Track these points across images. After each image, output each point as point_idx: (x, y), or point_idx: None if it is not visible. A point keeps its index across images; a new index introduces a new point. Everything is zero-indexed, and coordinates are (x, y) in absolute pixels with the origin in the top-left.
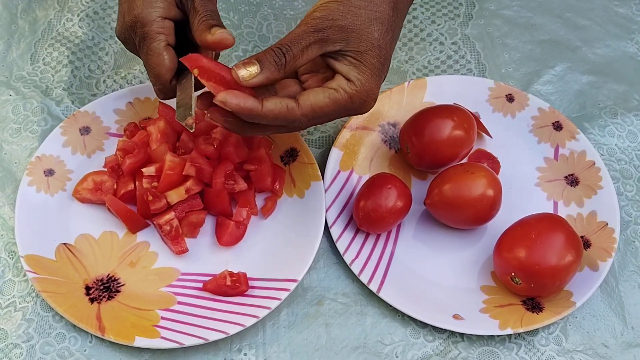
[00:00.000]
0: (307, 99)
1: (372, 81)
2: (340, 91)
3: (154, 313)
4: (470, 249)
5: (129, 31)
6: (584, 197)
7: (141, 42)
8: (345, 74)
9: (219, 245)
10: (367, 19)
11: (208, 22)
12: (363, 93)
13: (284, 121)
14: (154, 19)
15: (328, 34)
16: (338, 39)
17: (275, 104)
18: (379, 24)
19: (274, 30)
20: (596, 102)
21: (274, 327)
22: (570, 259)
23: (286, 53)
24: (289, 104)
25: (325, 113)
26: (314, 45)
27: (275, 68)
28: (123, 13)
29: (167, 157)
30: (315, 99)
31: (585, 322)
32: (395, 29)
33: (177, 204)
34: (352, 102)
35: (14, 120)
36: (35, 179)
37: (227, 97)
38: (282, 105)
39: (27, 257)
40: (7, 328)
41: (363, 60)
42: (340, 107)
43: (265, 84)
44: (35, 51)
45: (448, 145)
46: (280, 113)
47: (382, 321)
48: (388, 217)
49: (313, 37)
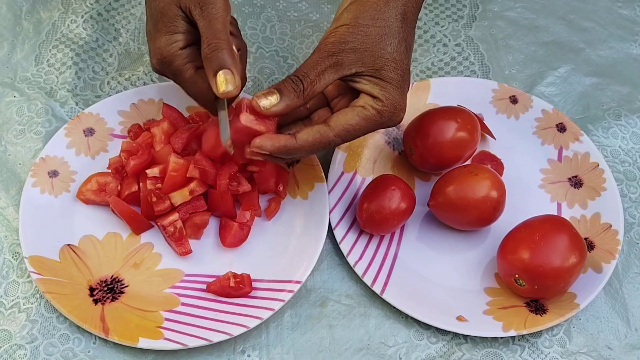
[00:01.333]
0: (338, 120)
1: (396, 94)
2: (368, 108)
3: (158, 314)
4: (474, 250)
5: (163, 68)
6: (587, 199)
7: (175, 77)
8: (369, 92)
9: (222, 247)
10: (378, 36)
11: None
12: (390, 107)
13: (320, 147)
14: (177, 54)
15: (341, 57)
16: (352, 61)
17: (308, 134)
18: (390, 38)
19: (277, 32)
20: (600, 104)
21: (277, 329)
22: (574, 260)
23: (303, 80)
24: (320, 130)
25: (358, 130)
26: (330, 70)
27: (295, 95)
28: (151, 54)
29: (171, 158)
30: (346, 119)
31: (589, 324)
32: (408, 38)
33: (180, 205)
34: (381, 117)
35: (18, 121)
36: (40, 180)
37: (262, 143)
38: (315, 133)
39: (31, 258)
40: (11, 329)
41: (382, 77)
42: (371, 123)
43: (287, 111)
44: (39, 53)
45: (452, 147)
46: (315, 140)
47: (386, 323)
48: (392, 218)
49: (328, 62)
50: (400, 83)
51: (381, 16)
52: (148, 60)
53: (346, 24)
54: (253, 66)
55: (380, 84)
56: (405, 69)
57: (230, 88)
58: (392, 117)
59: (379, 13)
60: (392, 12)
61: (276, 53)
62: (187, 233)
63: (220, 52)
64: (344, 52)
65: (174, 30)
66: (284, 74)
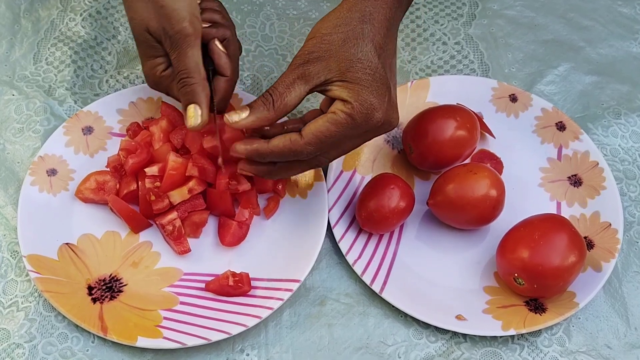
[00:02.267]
0: (308, 128)
1: (366, 93)
2: (338, 113)
3: (157, 313)
4: (473, 249)
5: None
6: (587, 198)
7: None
8: (339, 96)
9: (221, 246)
10: (341, 41)
11: (183, 94)
12: (361, 108)
13: (291, 154)
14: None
15: (308, 67)
16: (319, 70)
17: (279, 140)
18: (353, 40)
19: (276, 30)
20: (599, 103)
21: (276, 328)
22: (573, 259)
23: (272, 93)
24: (291, 137)
25: (330, 137)
26: (299, 81)
27: (264, 107)
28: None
29: (170, 157)
30: (316, 126)
31: (589, 323)
32: (376, 38)
33: (179, 204)
34: (353, 120)
35: (16, 120)
36: (38, 179)
37: (237, 146)
38: (286, 139)
39: (30, 257)
40: (9, 328)
41: (348, 79)
42: (344, 128)
43: (258, 124)
44: (38, 51)
45: (451, 145)
46: (285, 146)
47: (385, 322)
48: (391, 217)
49: (295, 74)
50: (371, 82)
51: (343, 22)
52: None
53: (311, 37)
54: (252, 64)
55: (349, 87)
56: (374, 68)
57: (197, 122)
58: (367, 119)
59: (341, 20)
60: (354, 16)
61: (275, 51)
62: (186, 232)
63: (189, 87)
64: (309, 62)
65: (154, 54)
66: (283, 72)
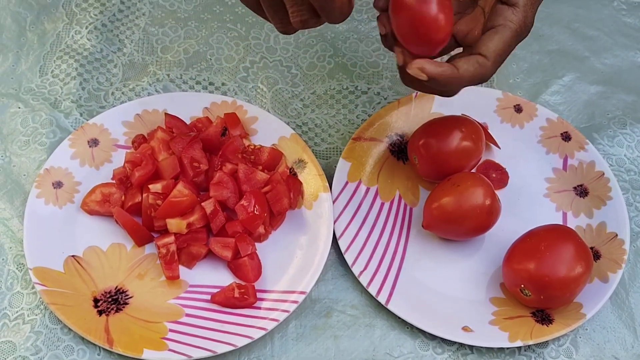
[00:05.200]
0: (488, 47)
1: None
2: (509, 23)
3: (162, 325)
4: (479, 260)
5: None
6: (593, 208)
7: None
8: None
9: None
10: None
11: None
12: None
13: (479, 78)
14: None
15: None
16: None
17: (468, 64)
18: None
19: (281, 41)
20: (605, 112)
21: (282, 340)
22: (580, 270)
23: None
24: (478, 60)
25: (508, 51)
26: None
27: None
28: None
29: (178, 186)
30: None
31: (596, 334)
32: None
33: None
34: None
35: (22, 132)
36: (44, 191)
37: (424, 65)
38: (475, 63)
39: (36, 269)
40: (15, 340)
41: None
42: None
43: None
44: (43, 64)
45: (456, 156)
46: (476, 70)
47: (391, 333)
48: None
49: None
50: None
51: None
52: (152, 71)
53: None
54: (257, 76)
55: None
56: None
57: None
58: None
59: None
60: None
61: (280, 63)
62: (180, 259)
63: None
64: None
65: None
66: (288, 83)
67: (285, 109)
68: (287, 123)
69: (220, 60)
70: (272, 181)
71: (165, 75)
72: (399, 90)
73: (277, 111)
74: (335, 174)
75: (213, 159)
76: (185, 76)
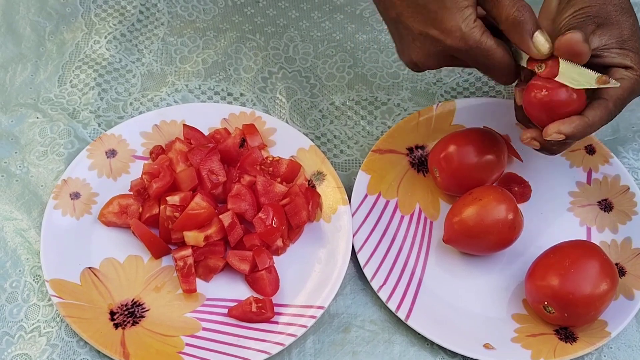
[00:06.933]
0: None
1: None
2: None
3: (179, 339)
4: (501, 275)
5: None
6: (618, 223)
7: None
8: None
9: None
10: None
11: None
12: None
13: (604, 122)
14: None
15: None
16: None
17: (595, 111)
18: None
19: (300, 52)
20: (630, 125)
21: (299, 355)
22: (605, 287)
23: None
24: (602, 103)
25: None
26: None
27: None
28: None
29: (196, 199)
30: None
31: (621, 352)
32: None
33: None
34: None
35: (40, 143)
36: (61, 202)
37: (561, 127)
38: (602, 108)
39: (52, 281)
40: (31, 353)
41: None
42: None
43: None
44: (62, 74)
45: (478, 169)
46: (602, 115)
47: (411, 350)
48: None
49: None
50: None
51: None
52: (171, 81)
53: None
54: (275, 86)
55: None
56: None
57: (547, 47)
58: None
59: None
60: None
61: (299, 73)
62: (198, 272)
63: (530, 13)
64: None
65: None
66: (307, 94)
67: (304, 120)
68: (306, 134)
69: (238, 71)
70: (290, 194)
71: (184, 85)
72: (419, 102)
73: (295, 122)
74: (355, 186)
75: (231, 170)
76: (204, 86)
